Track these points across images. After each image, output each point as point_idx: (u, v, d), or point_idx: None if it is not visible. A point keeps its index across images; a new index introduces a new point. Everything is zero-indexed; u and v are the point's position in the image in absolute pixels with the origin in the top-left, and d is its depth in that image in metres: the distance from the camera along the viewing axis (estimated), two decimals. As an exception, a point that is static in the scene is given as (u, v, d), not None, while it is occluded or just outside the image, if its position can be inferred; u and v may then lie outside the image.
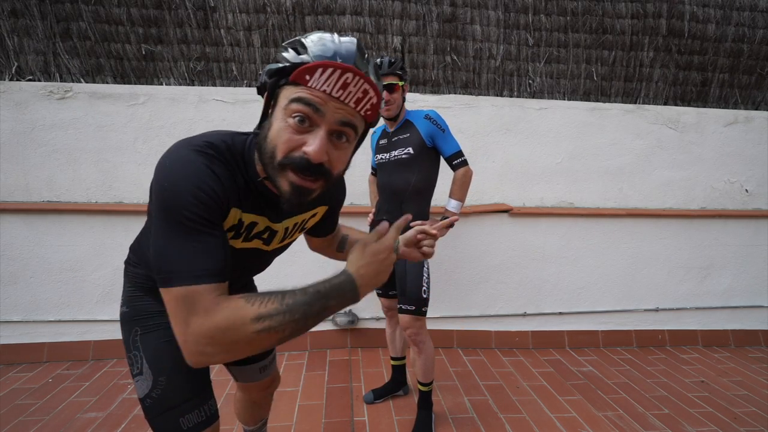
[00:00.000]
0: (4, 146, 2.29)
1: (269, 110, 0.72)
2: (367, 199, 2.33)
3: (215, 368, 2.38)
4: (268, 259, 0.98)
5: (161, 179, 0.66)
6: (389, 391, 2.10)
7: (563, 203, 2.70)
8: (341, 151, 0.71)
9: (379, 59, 1.73)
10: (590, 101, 2.75)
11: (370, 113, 0.71)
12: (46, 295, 2.39)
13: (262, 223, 0.83)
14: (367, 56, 0.72)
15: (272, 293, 0.66)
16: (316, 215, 1.00)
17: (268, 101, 0.72)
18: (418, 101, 2.52)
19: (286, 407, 1.99)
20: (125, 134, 2.36)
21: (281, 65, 0.68)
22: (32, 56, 2.38)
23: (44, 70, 2.40)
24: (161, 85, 2.47)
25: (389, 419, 1.94)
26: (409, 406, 2.04)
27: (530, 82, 2.73)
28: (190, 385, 0.92)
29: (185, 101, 2.37)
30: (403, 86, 1.76)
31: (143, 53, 2.45)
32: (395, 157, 1.78)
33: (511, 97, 2.71)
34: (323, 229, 1.09)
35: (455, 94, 2.65)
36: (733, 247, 2.82)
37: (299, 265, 2.45)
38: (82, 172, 2.36)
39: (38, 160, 2.32)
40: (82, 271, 2.39)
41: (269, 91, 0.70)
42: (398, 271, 1.78)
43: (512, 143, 2.62)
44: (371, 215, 1.97)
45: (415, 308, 1.72)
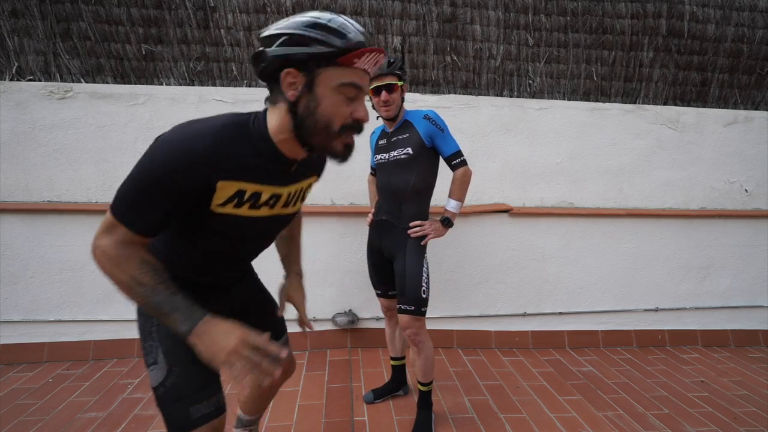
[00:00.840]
0: (4, 146, 2.29)
1: (301, 88, 0.83)
2: (366, 199, 2.33)
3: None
4: (273, 228, 1.06)
5: (157, 147, 0.80)
6: (389, 391, 2.10)
7: (563, 203, 2.70)
8: None
9: None
10: (590, 101, 2.75)
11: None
12: (46, 295, 2.39)
13: (266, 192, 0.92)
14: None
15: (158, 274, 0.83)
16: (311, 185, 1.11)
17: (285, 80, 0.82)
18: (418, 101, 2.52)
19: (286, 407, 1.99)
20: (125, 134, 2.36)
21: (326, 50, 0.80)
22: (32, 56, 2.38)
23: (44, 70, 2.40)
24: (161, 85, 2.47)
25: (389, 419, 1.94)
26: (409, 406, 2.04)
27: (530, 82, 2.73)
28: (201, 376, 0.96)
29: (185, 101, 2.37)
30: (402, 86, 1.74)
31: (143, 53, 2.45)
32: (394, 157, 1.77)
33: (511, 97, 2.71)
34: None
35: (455, 94, 2.65)
36: (732, 247, 2.82)
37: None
38: (82, 172, 2.36)
39: (38, 160, 2.32)
40: (82, 271, 2.39)
41: (307, 71, 0.82)
42: (397, 270, 1.77)
43: (512, 143, 2.62)
44: (371, 215, 1.97)
45: (414, 308, 1.71)
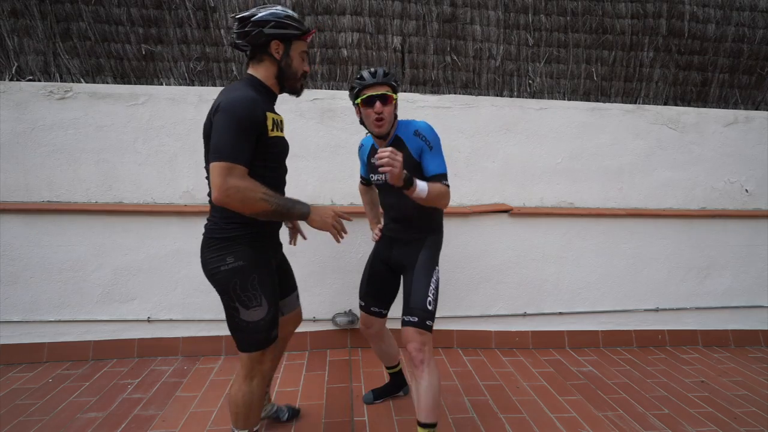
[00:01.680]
0: (4, 146, 2.29)
1: (281, 52, 1.38)
2: (367, 199, 2.32)
3: (219, 363, 2.38)
4: (287, 149, 1.50)
5: (230, 105, 1.24)
6: (389, 392, 2.09)
7: (563, 203, 2.70)
8: None
9: (372, 69, 1.59)
10: (590, 101, 2.75)
11: None
12: (46, 295, 2.39)
13: (278, 118, 1.40)
14: None
15: (270, 189, 1.29)
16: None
17: (265, 46, 1.36)
18: (418, 101, 2.52)
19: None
20: (125, 134, 2.36)
21: (298, 31, 1.38)
22: (32, 56, 2.38)
23: (44, 70, 2.40)
24: (161, 85, 2.47)
25: (389, 419, 1.94)
26: (409, 406, 2.03)
27: (530, 82, 2.73)
28: (276, 310, 1.43)
29: (185, 101, 2.37)
30: (396, 100, 1.60)
31: (143, 53, 2.45)
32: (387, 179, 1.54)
33: (511, 97, 2.71)
34: None
35: (455, 94, 2.65)
36: (733, 247, 2.82)
37: (300, 264, 2.46)
38: (82, 172, 2.36)
39: (38, 160, 2.32)
40: (82, 271, 2.40)
41: (285, 43, 1.38)
42: (405, 282, 1.65)
43: (512, 143, 2.62)
44: (377, 231, 1.86)
45: (417, 320, 1.52)
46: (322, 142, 2.48)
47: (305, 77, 1.48)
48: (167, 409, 1.99)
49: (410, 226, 1.70)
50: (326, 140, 2.48)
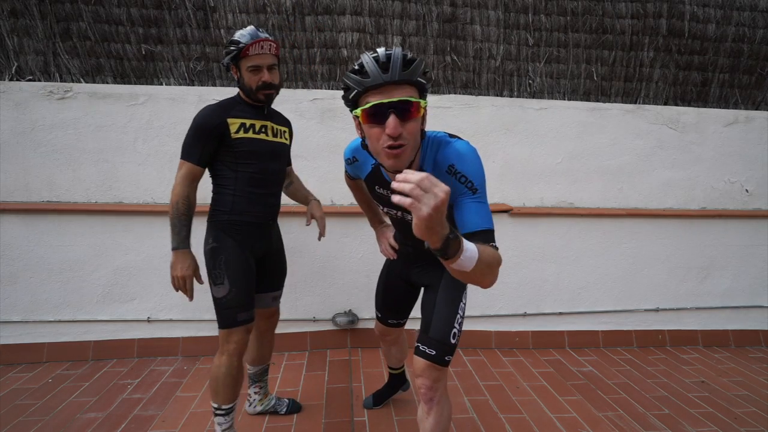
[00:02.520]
0: (4, 146, 2.29)
1: (235, 73, 1.56)
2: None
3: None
4: (278, 152, 1.66)
5: (198, 111, 1.53)
6: (389, 394, 2.06)
7: (563, 203, 2.70)
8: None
9: (381, 52, 0.95)
10: (590, 101, 2.75)
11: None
12: (45, 295, 2.39)
13: (257, 123, 1.58)
14: None
15: (189, 210, 1.51)
16: (286, 132, 1.73)
17: (235, 71, 1.56)
18: (418, 101, 2.52)
19: (286, 407, 1.98)
20: (125, 134, 2.36)
21: (236, 50, 1.50)
22: (32, 56, 2.38)
23: (44, 70, 2.40)
24: (161, 85, 2.47)
25: (389, 419, 1.94)
26: (409, 406, 2.04)
27: (530, 82, 2.73)
28: (244, 296, 1.55)
29: (185, 101, 2.37)
30: (424, 108, 1.00)
31: (143, 53, 2.45)
32: (410, 219, 0.93)
33: (511, 97, 2.71)
34: (288, 155, 1.80)
35: (455, 94, 2.65)
36: (733, 247, 2.82)
37: (300, 264, 2.46)
38: (82, 172, 2.36)
39: (38, 160, 2.32)
40: (82, 271, 2.39)
41: (235, 62, 1.53)
42: (425, 301, 1.39)
43: (512, 143, 2.62)
44: (388, 244, 1.58)
45: (435, 353, 1.25)
46: (322, 142, 2.48)
47: (269, 87, 1.54)
48: (167, 409, 1.99)
49: (429, 254, 1.16)
50: (326, 140, 2.48)
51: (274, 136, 1.64)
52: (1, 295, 2.36)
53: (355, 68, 0.96)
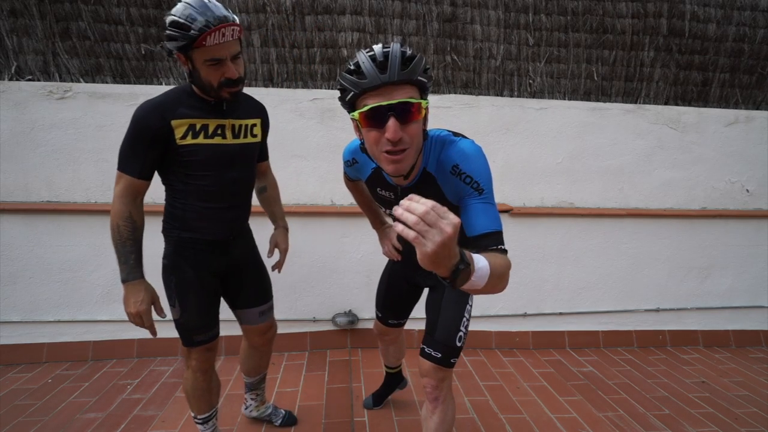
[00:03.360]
0: (3, 146, 2.29)
1: (188, 64, 1.22)
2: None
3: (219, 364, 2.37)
4: (240, 157, 1.36)
5: (138, 107, 1.26)
6: (388, 393, 2.05)
7: (563, 203, 2.69)
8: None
9: (379, 49, 0.90)
10: (590, 101, 2.75)
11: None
12: (45, 295, 2.39)
13: (211, 124, 1.27)
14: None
15: (135, 232, 1.28)
16: (256, 125, 1.42)
17: (184, 60, 1.22)
18: (418, 101, 2.51)
19: (286, 407, 1.98)
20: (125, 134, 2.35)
21: (185, 40, 1.18)
22: (31, 56, 2.38)
23: (44, 70, 2.40)
24: (161, 84, 2.47)
25: (389, 419, 1.94)
26: (409, 406, 2.03)
27: (530, 81, 2.72)
28: (197, 319, 1.41)
29: (185, 101, 2.36)
30: (426, 109, 0.96)
31: (143, 53, 2.45)
32: None
33: (511, 97, 2.70)
34: (261, 152, 1.54)
35: (455, 94, 2.64)
36: (734, 247, 2.81)
37: (300, 264, 2.46)
38: (81, 172, 2.36)
39: (38, 160, 2.32)
40: (81, 271, 2.39)
41: (185, 55, 1.20)
42: (430, 302, 1.37)
43: (512, 143, 2.61)
44: (391, 246, 1.52)
45: (441, 356, 1.25)
46: (322, 142, 2.48)
47: (235, 84, 1.21)
48: (167, 409, 1.99)
49: None
50: (326, 140, 2.48)
51: (235, 136, 1.32)
52: (0, 295, 2.36)
53: (350, 68, 0.90)
